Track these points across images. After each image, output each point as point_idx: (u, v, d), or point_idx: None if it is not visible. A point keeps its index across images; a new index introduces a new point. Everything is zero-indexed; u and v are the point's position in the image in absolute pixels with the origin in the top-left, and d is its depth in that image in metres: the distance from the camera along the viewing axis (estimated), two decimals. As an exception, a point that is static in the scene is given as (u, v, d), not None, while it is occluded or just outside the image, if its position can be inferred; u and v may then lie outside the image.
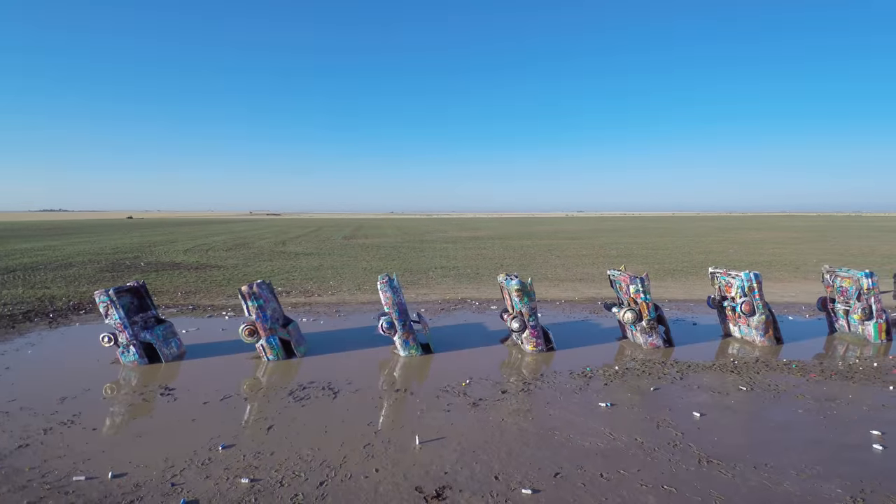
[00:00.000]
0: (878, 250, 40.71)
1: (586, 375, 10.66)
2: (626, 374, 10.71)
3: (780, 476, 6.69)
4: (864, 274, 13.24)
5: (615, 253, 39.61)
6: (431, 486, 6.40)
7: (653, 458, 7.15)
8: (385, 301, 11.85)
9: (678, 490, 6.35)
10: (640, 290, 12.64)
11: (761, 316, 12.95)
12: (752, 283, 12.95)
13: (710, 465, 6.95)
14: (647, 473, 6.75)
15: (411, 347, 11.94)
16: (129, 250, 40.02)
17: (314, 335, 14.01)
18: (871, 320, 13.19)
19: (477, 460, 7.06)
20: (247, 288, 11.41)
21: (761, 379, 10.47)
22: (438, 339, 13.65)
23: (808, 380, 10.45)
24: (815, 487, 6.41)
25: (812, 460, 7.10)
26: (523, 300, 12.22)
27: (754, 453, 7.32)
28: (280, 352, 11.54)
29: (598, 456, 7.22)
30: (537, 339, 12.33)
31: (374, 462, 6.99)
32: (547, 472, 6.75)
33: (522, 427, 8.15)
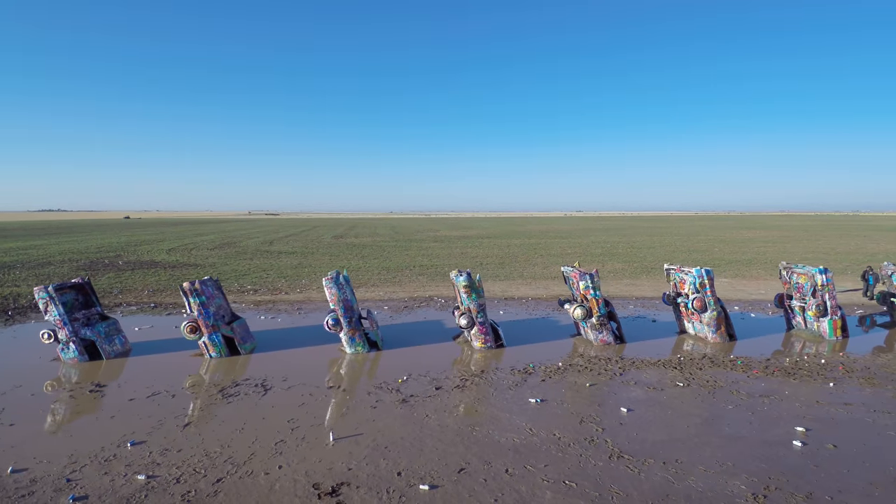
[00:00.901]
0: (865, 249, 40.63)
1: (527, 372, 10.57)
2: (567, 371, 10.62)
3: (686, 472, 6.59)
4: (818, 270, 13.14)
5: (599, 251, 39.53)
6: (330, 482, 6.31)
7: (564, 454, 7.06)
8: (330, 298, 11.76)
9: (578, 485, 6.26)
10: (589, 287, 12.55)
11: (713, 312, 12.86)
12: (703, 280, 12.85)
13: (619, 461, 6.86)
14: (554, 469, 6.66)
15: (357, 344, 11.84)
16: (113, 249, 39.91)
17: (268, 332, 13.93)
18: (826, 317, 13.09)
19: (386, 457, 6.96)
20: (188, 284, 11.31)
21: (702, 375, 10.38)
22: (394, 335, 13.58)
23: (750, 376, 10.36)
24: (719, 484, 6.32)
25: (725, 456, 7.01)
26: (471, 297, 12.12)
27: (669, 449, 7.23)
28: (223, 349, 11.44)
29: (510, 451, 7.13)
30: (486, 335, 12.23)
31: (280, 459, 6.90)
32: (453, 468, 6.66)
33: (444, 423, 8.05)
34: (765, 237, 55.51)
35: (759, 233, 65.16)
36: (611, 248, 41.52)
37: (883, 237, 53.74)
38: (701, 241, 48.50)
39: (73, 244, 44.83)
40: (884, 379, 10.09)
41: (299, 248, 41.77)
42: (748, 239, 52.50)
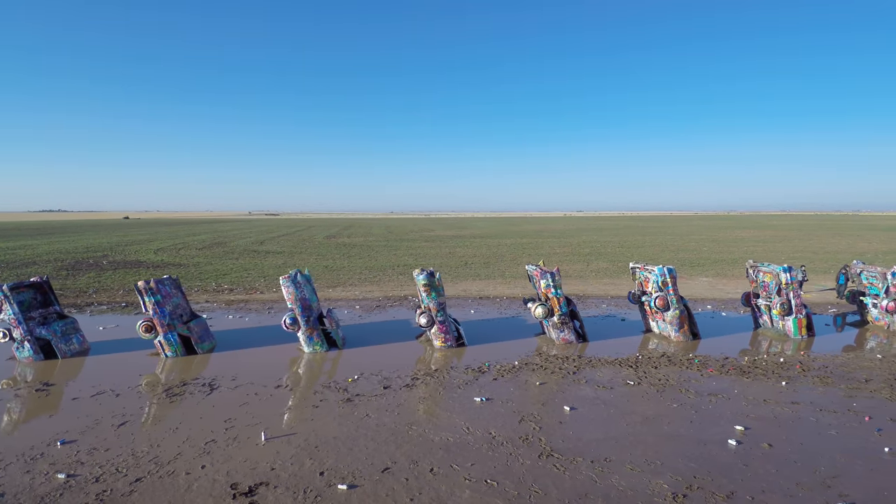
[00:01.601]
0: (854, 248, 40.53)
1: (481, 370, 10.52)
2: (521, 370, 10.56)
3: (612, 471, 6.53)
4: (782, 269, 13.07)
5: (587, 251, 39.46)
6: (249, 482, 6.26)
7: (494, 453, 7.00)
8: (287, 297, 11.71)
9: (500, 484, 6.20)
10: (550, 285, 12.49)
11: (675, 311, 12.79)
12: (665, 278, 12.79)
13: (548, 460, 6.80)
14: (479, 467, 6.60)
15: (315, 343, 11.79)
16: (102, 249, 39.90)
17: (233, 331, 13.89)
18: (791, 315, 13.01)
19: (313, 456, 6.91)
20: (143, 283, 11.27)
21: (656, 374, 10.31)
22: (359, 334, 13.54)
23: (704, 375, 10.29)
24: (642, 483, 6.26)
25: (656, 455, 6.95)
26: (431, 295, 12.07)
27: (602, 447, 7.17)
28: (179, 348, 11.40)
29: (440, 450, 7.08)
30: (446, 334, 12.18)
31: (206, 459, 6.85)
32: (378, 468, 6.60)
33: (382, 422, 8.00)
34: (757, 237, 55.40)
35: (752, 232, 65.05)
36: (600, 248, 41.46)
37: (875, 236, 53.62)
38: (691, 241, 48.41)
39: (64, 244, 44.82)
40: (839, 378, 10.01)
41: (288, 248, 41.74)
42: (740, 238, 52.41)
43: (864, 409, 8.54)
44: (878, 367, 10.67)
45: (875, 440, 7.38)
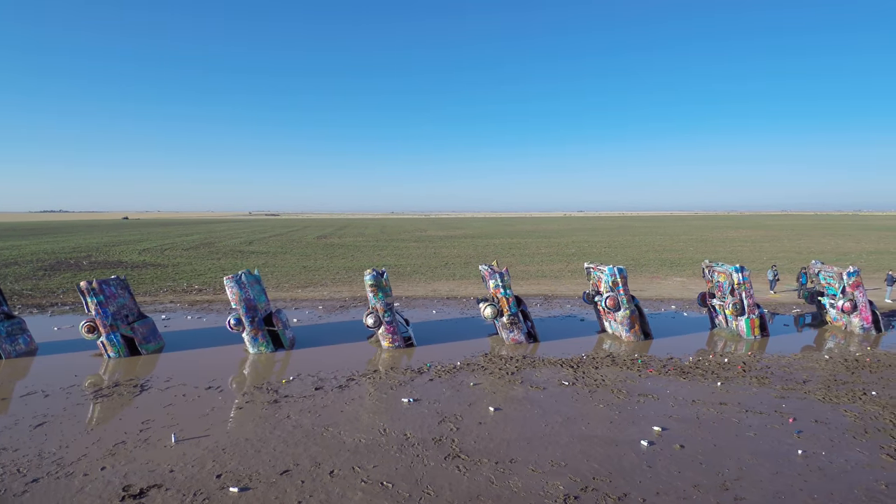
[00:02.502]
0: (841, 248, 40.38)
1: (420, 371, 10.48)
2: (461, 371, 10.52)
3: (513, 472, 6.49)
4: (734, 269, 13.00)
5: (572, 251, 39.38)
6: (143, 484, 6.23)
7: (402, 454, 6.96)
8: (231, 298, 11.68)
9: (395, 486, 6.16)
10: (499, 286, 12.43)
11: (626, 311, 12.73)
12: (616, 278, 12.72)
13: (453, 461, 6.76)
14: (381, 469, 6.56)
15: (260, 344, 11.76)
16: (88, 250, 39.93)
17: (187, 332, 13.86)
18: (743, 316, 12.94)
19: (218, 458, 6.88)
20: (85, 284, 11.24)
21: (594, 374, 10.26)
22: (313, 335, 13.49)
23: (643, 375, 10.24)
24: (538, 484, 6.21)
25: (563, 456, 6.90)
26: (378, 295, 12.03)
27: (512, 448, 7.13)
28: (122, 349, 11.37)
29: (349, 452, 7.04)
30: (393, 335, 12.13)
31: (109, 460, 6.83)
32: (278, 470, 6.57)
33: (300, 424, 7.96)
34: (747, 237, 55.23)
35: (745, 233, 64.85)
36: (586, 248, 41.35)
37: (866, 236, 53.41)
38: (680, 241, 48.27)
39: (52, 244, 44.85)
40: (778, 379, 9.96)
41: (274, 249, 41.70)
42: (730, 238, 52.26)
43: (793, 410, 8.48)
44: (821, 368, 10.61)
45: (791, 442, 7.32)
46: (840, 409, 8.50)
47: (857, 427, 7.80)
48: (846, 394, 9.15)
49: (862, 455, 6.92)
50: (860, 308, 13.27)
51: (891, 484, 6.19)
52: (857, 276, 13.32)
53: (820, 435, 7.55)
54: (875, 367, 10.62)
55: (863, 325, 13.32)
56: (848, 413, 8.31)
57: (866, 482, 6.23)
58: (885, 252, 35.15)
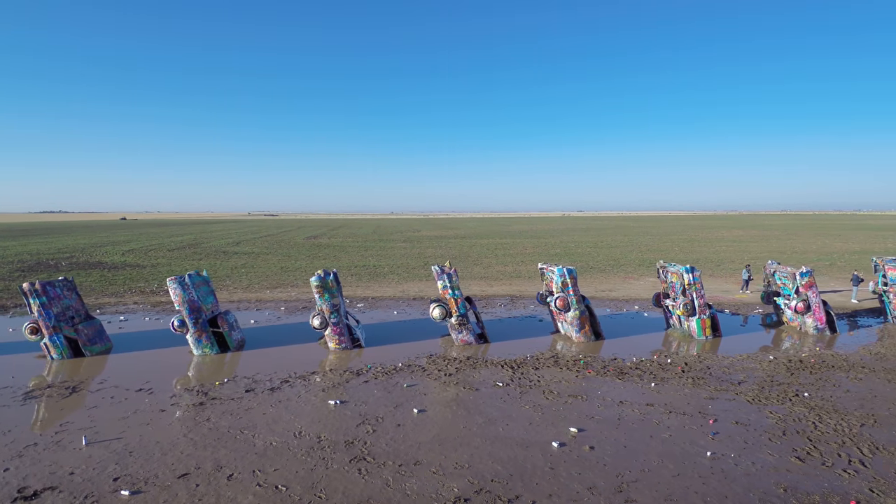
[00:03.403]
0: (828, 247, 40.32)
1: (359, 373, 10.46)
2: (400, 372, 10.49)
3: (413, 475, 6.46)
4: (685, 269, 12.96)
5: (557, 251, 39.35)
6: (38, 486, 6.20)
7: (309, 457, 6.95)
8: (175, 299, 11.65)
9: (289, 489, 6.14)
10: (447, 287, 12.40)
11: (576, 312, 12.69)
12: (566, 279, 12.68)
13: (357, 464, 6.73)
14: (280, 473, 6.54)
15: (205, 346, 11.73)
16: (73, 250, 39.94)
17: (140, 333, 13.85)
18: (694, 316, 12.90)
19: (121, 461, 6.86)
20: (28, 285, 11.22)
21: (532, 375, 10.23)
22: (265, 336, 13.47)
23: (580, 376, 10.21)
24: (433, 487, 6.19)
25: (470, 458, 6.88)
26: (324, 297, 11.99)
27: (422, 450, 7.10)
28: (65, 350, 11.35)
29: (255, 455, 7.02)
30: (340, 336, 12.10)
31: (15, 462, 6.83)
32: (178, 473, 6.56)
33: (217, 426, 7.94)
34: (738, 237, 55.15)
35: (737, 232, 64.77)
36: (571, 248, 41.31)
37: (856, 236, 53.34)
38: (668, 241, 48.22)
39: (40, 245, 44.88)
40: (714, 379, 9.92)
41: (260, 249, 41.69)
42: (719, 238, 52.20)
43: (718, 411, 8.45)
44: (761, 369, 10.57)
45: (704, 444, 7.29)
46: (766, 410, 8.46)
47: (776, 429, 7.76)
48: (777, 395, 9.10)
49: (771, 457, 6.88)
50: (813, 308, 13.22)
51: (790, 487, 6.15)
52: (811, 277, 13.27)
53: (736, 437, 7.51)
54: (817, 369, 10.58)
55: (817, 326, 13.27)
56: (772, 415, 8.27)
57: (765, 485, 6.19)
58: (871, 252, 35.08)
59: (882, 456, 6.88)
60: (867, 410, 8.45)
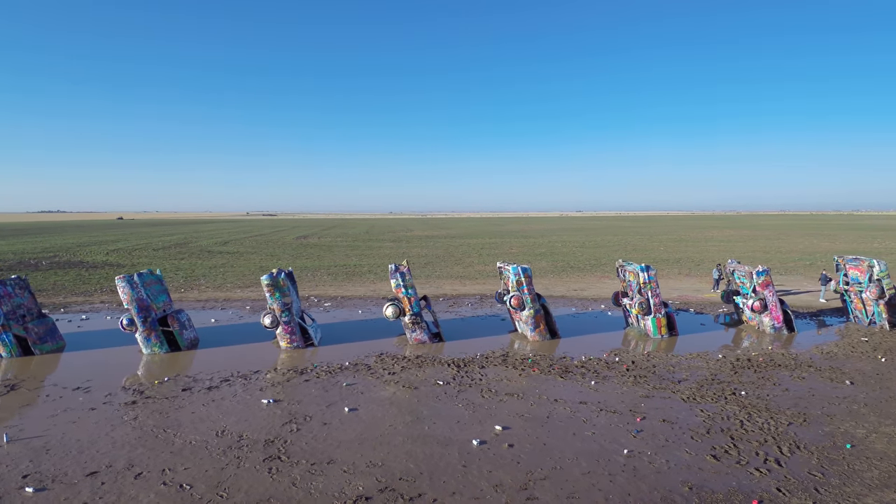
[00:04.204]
0: (814, 247, 40.33)
1: (303, 372, 10.43)
2: (344, 371, 10.47)
3: (325, 473, 6.46)
4: (640, 268, 12.93)
5: (543, 251, 39.34)
6: (-58, 484, 6.15)
7: (224, 456, 6.92)
8: (123, 298, 11.63)
9: (193, 487, 6.11)
10: (401, 285, 12.37)
11: (530, 310, 12.66)
12: (520, 278, 12.65)
13: (271, 463, 6.72)
14: (190, 472, 6.51)
15: (154, 345, 11.70)
16: (58, 250, 39.89)
17: (98, 332, 13.84)
18: (650, 315, 12.87)
19: (36, 458, 6.85)
20: (-26, 284, 11.18)
21: (476, 373, 10.22)
22: (221, 335, 13.44)
23: (523, 375, 10.19)
24: (339, 485, 6.16)
25: (387, 457, 6.86)
26: (275, 296, 11.96)
27: (340, 449, 7.08)
28: (14, 349, 11.33)
29: (170, 454, 7.01)
30: (291, 335, 12.07)
31: (-76, 460, 6.74)
32: (88, 471, 6.55)
33: (141, 425, 7.93)
34: (727, 237, 55.14)
35: (728, 232, 64.78)
36: (558, 248, 41.30)
37: (845, 235, 53.36)
38: (656, 241, 48.22)
39: (27, 245, 44.84)
40: (656, 378, 9.90)
41: (245, 249, 41.66)
42: (708, 238, 52.20)
43: (649, 409, 8.42)
44: (706, 368, 10.55)
45: (624, 442, 7.27)
46: (697, 408, 8.44)
47: (701, 427, 7.73)
48: (713, 394, 9.08)
49: (687, 455, 6.86)
50: (770, 307, 13.20)
51: (696, 485, 6.12)
52: (767, 276, 13.24)
53: (658, 435, 7.49)
54: (762, 367, 10.55)
55: (773, 325, 13.25)
56: (702, 413, 8.25)
57: (672, 483, 6.17)
58: (856, 251, 35.05)
59: (800, 455, 6.84)
60: (800, 409, 8.42)
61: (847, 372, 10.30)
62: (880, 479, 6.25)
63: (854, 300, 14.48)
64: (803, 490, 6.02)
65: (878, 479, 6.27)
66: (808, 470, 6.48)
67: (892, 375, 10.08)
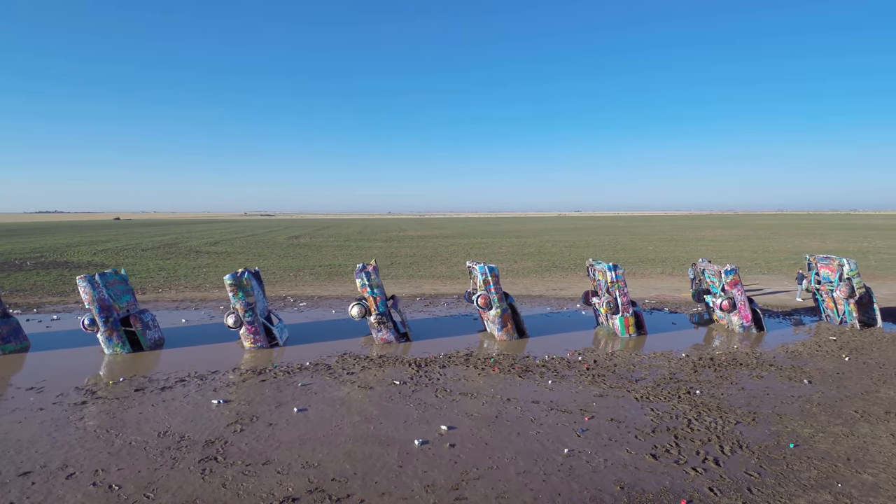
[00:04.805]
0: (802, 246, 40.34)
1: (260, 372, 10.37)
2: (303, 371, 10.42)
3: (258, 474, 6.39)
4: (608, 267, 12.89)
5: (532, 250, 39.33)
6: None
7: (162, 457, 6.87)
8: (84, 298, 11.57)
9: (122, 488, 6.06)
10: (366, 285, 12.31)
11: (497, 309, 12.62)
12: (486, 277, 12.60)
13: (206, 464, 6.66)
14: (125, 472, 6.46)
15: (115, 345, 11.63)
16: (46, 250, 39.78)
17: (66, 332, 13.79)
18: (618, 314, 12.83)
19: (-27, 459, 6.73)
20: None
21: (435, 373, 10.18)
22: (188, 335, 13.38)
23: (482, 374, 10.14)
24: (269, 486, 6.11)
25: (325, 457, 6.82)
26: (238, 295, 11.90)
27: (280, 450, 7.04)
28: (-26, 349, 11.22)
29: (107, 454, 6.96)
30: (255, 335, 12.01)
31: None
32: (22, 470, 6.52)
33: (86, 426, 7.88)
34: (719, 236, 55.16)
35: (721, 232, 64.81)
36: (547, 247, 41.28)
37: (836, 235, 53.41)
38: (646, 240, 48.22)
39: (16, 245, 44.71)
40: (614, 377, 9.86)
41: (234, 249, 41.58)
42: (699, 238, 52.21)
43: (601, 408, 8.38)
44: (666, 367, 10.51)
45: (567, 441, 7.23)
46: (648, 407, 8.40)
47: (648, 426, 7.69)
48: (668, 393, 9.04)
49: (626, 455, 6.81)
50: (738, 307, 13.16)
51: (628, 485, 6.08)
52: (735, 275, 13.21)
53: (602, 434, 7.44)
54: (723, 366, 10.52)
55: (742, 324, 13.21)
56: (652, 412, 8.21)
57: (605, 483, 6.12)
58: (843, 251, 35.08)
59: (740, 455, 6.80)
60: (752, 408, 8.39)
61: (807, 371, 10.26)
62: (817, 480, 6.20)
63: (826, 299, 14.45)
64: (735, 490, 5.97)
65: (814, 479, 6.22)
66: (746, 470, 6.43)
67: (853, 375, 10.04)
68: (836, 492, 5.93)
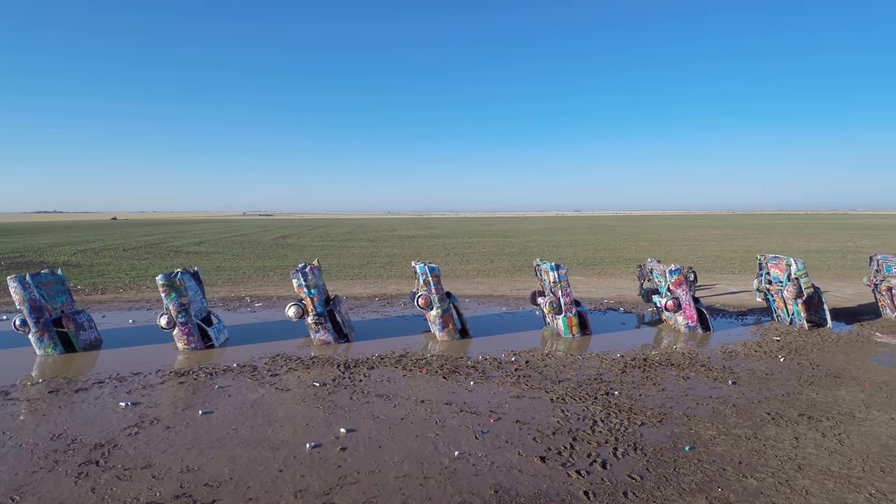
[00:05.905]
0: (786, 246, 40.26)
1: (184, 374, 10.26)
2: (228, 372, 10.32)
3: (132, 478, 6.29)
4: (551, 266, 12.78)
5: (514, 250, 39.29)
6: None
7: (45, 460, 6.79)
8: (15, 298, 11.46)
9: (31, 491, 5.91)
10: (302, 285, 12.20)
11: (437, 310, 12.51)
12: (427, 277, 12.49)
13: (85, 468, 6.56)
14: (1, 476, 6.31)
15: (47, 346, 11.52)
16: (27, 250, 39.75)
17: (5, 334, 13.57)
18: (561, 314, 12.71)
19: None
20: None
21: (360, 374, 10.07)
22: (130, 336, 13.29)
23: (409, 375, 10.08)
24: (139, 491, 6.00)
25: (208, 461, 6.72)
26: (170, 296, 11.78)
27: (166, 454, 6.93)
28: None
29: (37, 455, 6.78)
30: (188, 336, 11.89)
31: None
32: None
33: None
34: (707, 236, 55.05)
35: (711, 231, 64.71)
36: (529, 248, 41.17)
37: (823, 235, 53.27)
38: (630, 240, 48.12)
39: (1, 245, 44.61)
40: (538, 378, 9.75)
41: (216, 249, 41.50)
42: (686, 238, 52.11)
43: (511, 410, 8.27)
44: (594, 367, 10.40)
45: (463, 443, 7.12)
46: (559, 409, 8.28)
47: (550, 428, 7.57)
48: (585, 394, 8.92)
49: (516, 458, 6.69)
50: (683, 307, 13.04)
51: (503, 489, 5.96)
52: (679, 275, 13.08)
53: (501, 436, 7.32)
54: (652, 367, 10.40)
55: (688, 324, 13.10)
56: (561, 413, 8.09)
57: (481, 486, 6.00)
58: (825, 251, 34.99)
59: (631, 458, 6.68)
60: (664, 410, 8.27)
61: (736, 372, 10.14)
62: (699, 483, 6.07)
63: (776, 299, 14.33)
64: (610, 494, 5.85)
65: (696, 483, 6.09)
66: (630, 473, 6.30)
67: (781, 376, 9.92)
68: (714, 497, 5.80)
